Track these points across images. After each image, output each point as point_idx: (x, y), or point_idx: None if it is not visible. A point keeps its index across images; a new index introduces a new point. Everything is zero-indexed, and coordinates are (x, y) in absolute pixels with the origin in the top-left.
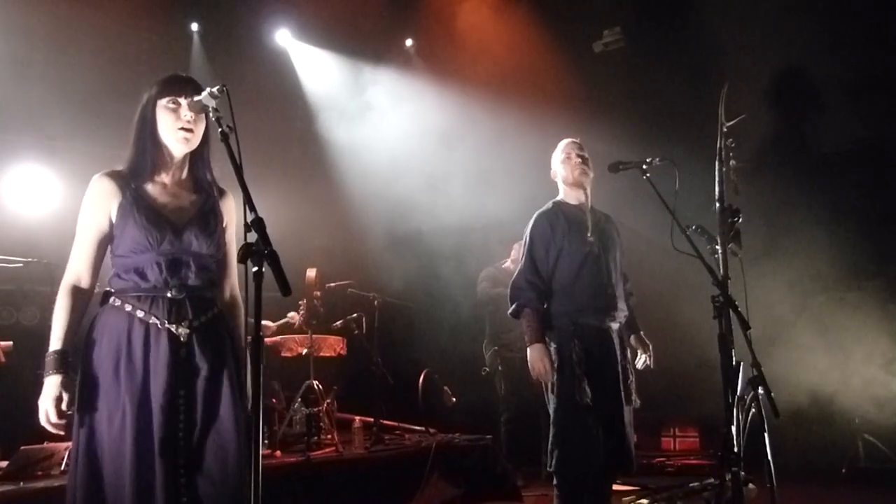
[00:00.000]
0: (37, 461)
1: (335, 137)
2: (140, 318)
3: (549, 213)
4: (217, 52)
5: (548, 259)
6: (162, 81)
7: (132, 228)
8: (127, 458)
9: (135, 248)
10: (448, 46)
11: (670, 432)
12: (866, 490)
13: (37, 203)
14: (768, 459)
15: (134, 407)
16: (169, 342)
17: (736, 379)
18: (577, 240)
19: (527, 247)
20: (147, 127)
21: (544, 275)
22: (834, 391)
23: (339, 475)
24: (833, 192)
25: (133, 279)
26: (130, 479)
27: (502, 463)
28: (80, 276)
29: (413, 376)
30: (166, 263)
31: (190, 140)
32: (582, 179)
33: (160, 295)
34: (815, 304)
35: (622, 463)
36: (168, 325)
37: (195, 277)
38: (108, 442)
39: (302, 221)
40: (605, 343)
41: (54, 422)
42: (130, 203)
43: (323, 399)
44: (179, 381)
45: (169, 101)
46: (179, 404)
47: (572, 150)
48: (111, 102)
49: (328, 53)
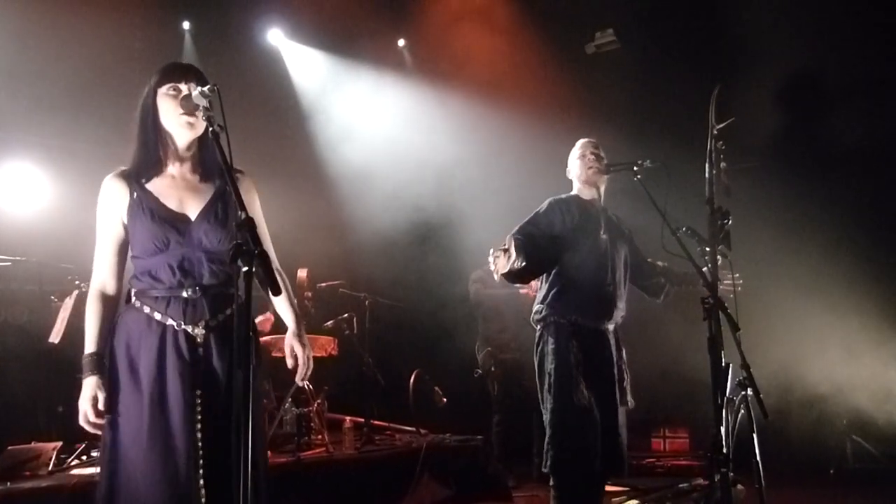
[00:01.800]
0: (24, 461)
1: (327, 137)
2: (157, 319)
3: (563, 201)
4: (209, 50)
5: (552, 236)
6: (161, 70)
7: (140, 231)
8: (143, 461)
9: (145, 250)
10: (440, 47)
11: (660, 433)
12: (855, 491)
13: (25, 201)
14: (757, 460)
15: (150, 410)
16: (186, 343)
17: (725, 380)
18: (585, 233)
19: (531, 214)
20: (149, 117)
21: (538, 235)
22: (823, 393)
23: (330, 476)
24: (833, 193)
25: (148, 281)
26: (149, 482)
27: (493, 464)
28: (105, 283)
29: (404, 377)
30: (178, 265)
31: (194, 125)
32: (595, 178)
33: (175, 295)
34: (805, 306)
35: (615, 465)
36: (184, 325)
37: (210, 275)
38: (130, 446)
39: (293, 221)
40: (601, 344)
41: (93, 421)
42: (137, 203)
43: (313, 399)
44: (197, 382)
45: (169, 88)
46: (197, 405)
47: (587, 149)
48: (102, 101)
49: (320, 53)
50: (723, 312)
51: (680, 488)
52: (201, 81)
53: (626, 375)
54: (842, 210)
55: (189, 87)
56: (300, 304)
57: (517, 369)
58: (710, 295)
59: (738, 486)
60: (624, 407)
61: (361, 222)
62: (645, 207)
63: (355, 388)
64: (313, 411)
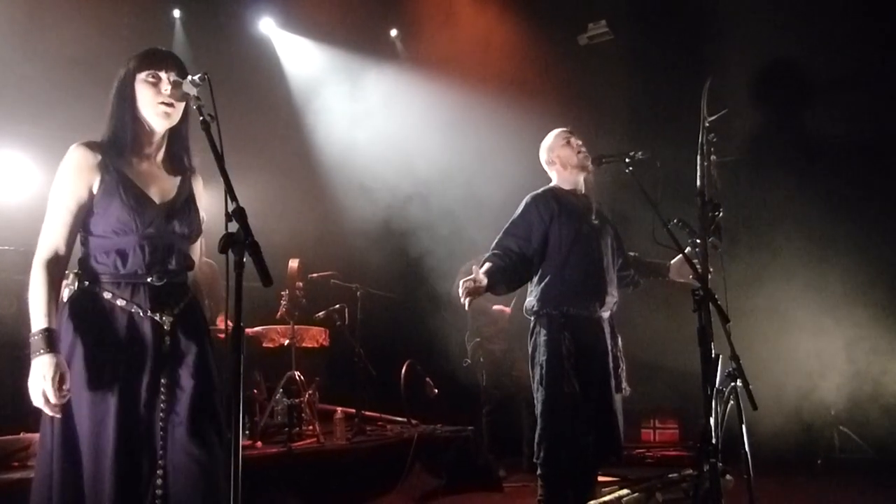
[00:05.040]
0: (12, 452)
1: (318, 127)
2: (121, 306)
3: (539, 196)
4: (199, 39)
5: (529, 239)
6: (140, 55)
7: (117, 208)
8: (109, 449)
9: (118, 229)
10: (433, 37)
11: (650, 424)
12: (842, 480)
13: (11, 189)
14: (746, 451)
15: (118, 399)
16: (153, 331)
17: (715, 372)
18: (567, 222)
19: (509, 222)
20: (126, 102)
21: (515, 248)
22: (810, 384)
23: (321, 466)
24: (820, 186)
25: (112, 261)
26: (111, 470)
27: (484, 454)
28: (58, 248)
29: (395, 367)
30: (150, 247)
31: (171, 115)
32: (586, 162)
33: (140, 282)
34: (792, 297)
35: (611, 451)
36: (151, 313)
37: (175, 263)
38: (89, 434)
39: (284, 212)
40: (595, 333)
41: (54, 402)
42: (116, 180)
43: (305, 390)
44: (162, 371)
45: (148, 75)
46: (161, 392)
47: (570, 136)
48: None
49: (312, 43)
50: (713, 304)
51: (669, 478)
52: (181, 69)
53: (622, 363)
54: (828, 201)
55: (169, 75)
56: (292, 295)
57: (506, 360)
58: (701, 287)
59: (727, 477)
60: (619, 394)
61: (354, 213)
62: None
63: (347, 379)
64: (304, 402)
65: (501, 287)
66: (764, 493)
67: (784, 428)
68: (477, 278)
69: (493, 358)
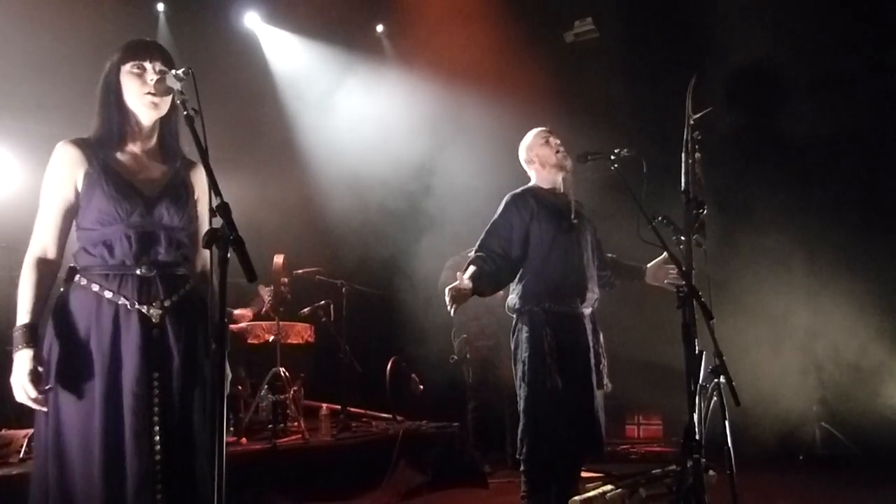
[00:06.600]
0: None
1: (304, 122)
2: (108, 298)
3: (518, 195)
4: (183, 33)
5: (511, 239)
6: (125, 46)
7: (100, 199)
8: (96, 444)
9: (102, 219)
10: (419, 33)
11: (634, 420)
12: (822, 476)
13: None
14: (729, 447)
15: (104, 395)
16: (140, 324)
17: (698, 368)
18: (546, 221)
19: (490, 222)
20: (112, 94)
21: (498, 248)
22: (792, 381)
23: (306, 462)
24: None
25: (100, 253)
26: (100, 465)
27: (469, 450)
28: (46, 247)
29: (381, 364)
30: (136, 237)
31: (158, 105)
32: (564, 162)
33: (129, 273)
34: (776, 294)
35: (592, 447)
36: (138, 305)
37: (166, 253)
38: (78, 427)
39: (269, 207)
40: (576, 330)
41: (34, 397)
42: (98, 172)
43: (290, 386)
44: (153, 365)
45: (133, 66)
46: (154, 388)
47: (549, 135)
48: (73, 83)
49: (297, 37)
50: (697, 301)
51: (653, 474)
52: (166, 60)
53: (603, 359)
54: (813, 198)
55: (154, 65)
56: (277, 291)
57: (492, 357)
58: (685, 283)
59: (710, 472)
60: (601, 390)
61: (339, 209)
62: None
63: (332, 376)
64: (289, 398)
65: (487, 290)
66: (746, 488)
67: (766, 424)
68: (461, 285)
69: (480, 355)
